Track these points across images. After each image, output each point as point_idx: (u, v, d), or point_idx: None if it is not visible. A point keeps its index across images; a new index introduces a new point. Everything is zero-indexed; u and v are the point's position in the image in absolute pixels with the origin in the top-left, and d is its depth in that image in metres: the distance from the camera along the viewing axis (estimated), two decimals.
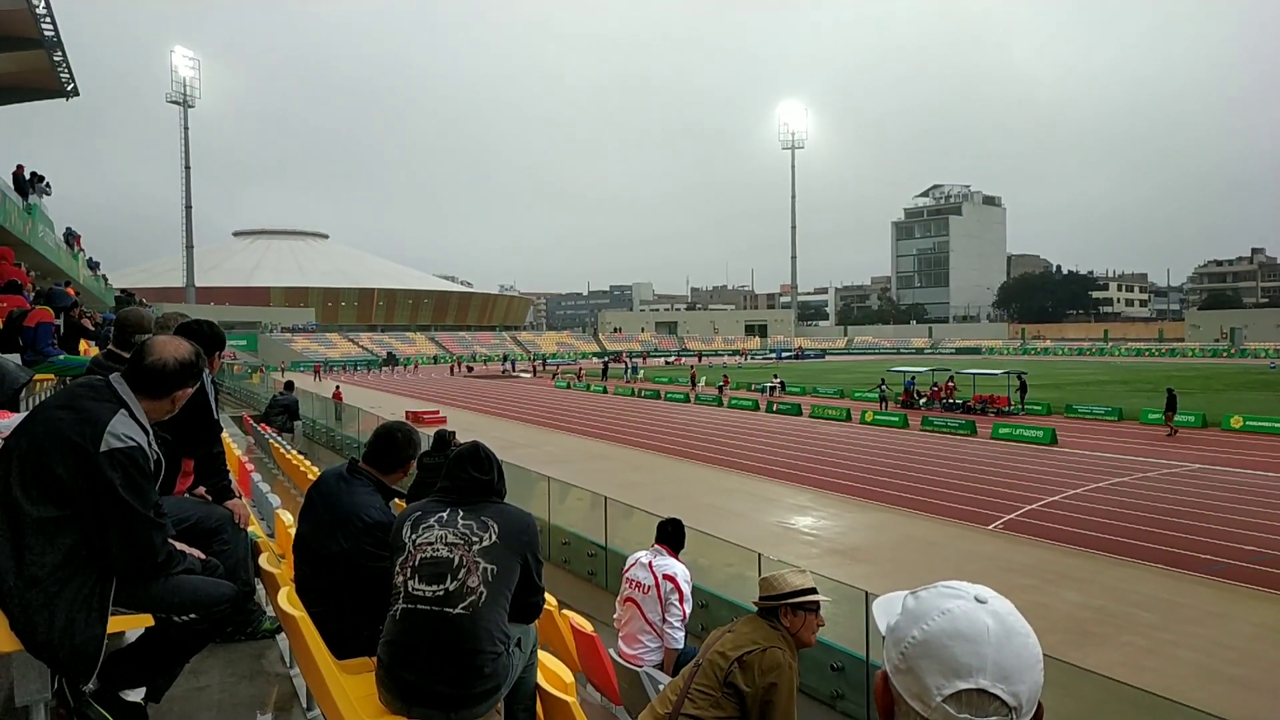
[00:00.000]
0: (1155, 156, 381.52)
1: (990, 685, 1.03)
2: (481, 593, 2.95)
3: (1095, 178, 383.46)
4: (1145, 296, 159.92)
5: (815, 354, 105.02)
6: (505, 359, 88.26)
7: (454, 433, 9.49)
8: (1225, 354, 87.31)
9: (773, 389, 42.95)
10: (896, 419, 31.02)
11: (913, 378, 38.28)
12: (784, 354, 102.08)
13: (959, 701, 1.04)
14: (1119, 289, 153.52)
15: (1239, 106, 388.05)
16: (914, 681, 1.09)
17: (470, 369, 40.23)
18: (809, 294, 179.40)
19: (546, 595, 6.27)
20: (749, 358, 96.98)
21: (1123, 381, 50.63)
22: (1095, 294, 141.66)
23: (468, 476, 3.16)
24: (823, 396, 42.01)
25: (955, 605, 1.10)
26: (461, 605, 2.91)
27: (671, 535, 5.25)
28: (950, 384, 36.29)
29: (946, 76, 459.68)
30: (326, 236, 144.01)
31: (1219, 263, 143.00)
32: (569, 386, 50.81)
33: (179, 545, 2.88)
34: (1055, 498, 17.26)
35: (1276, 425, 26.79)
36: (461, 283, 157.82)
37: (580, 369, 62.12)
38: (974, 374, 36.80)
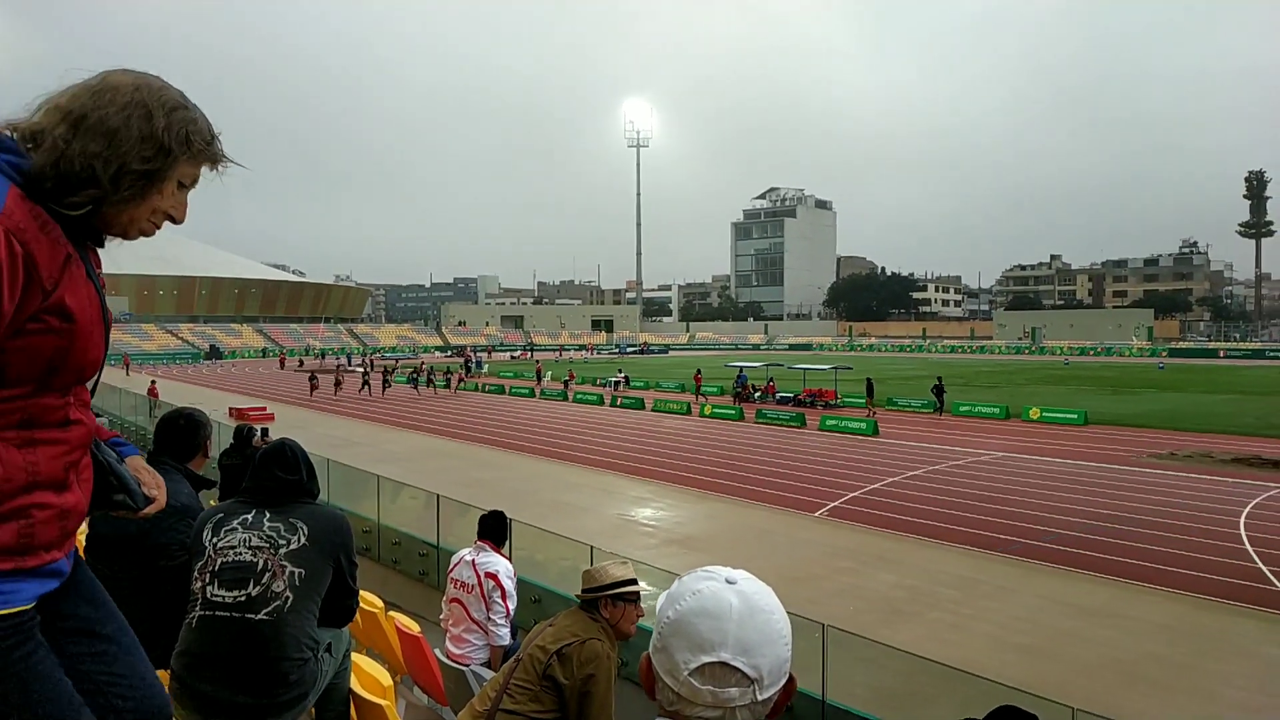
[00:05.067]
0: (968, 170, 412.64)
1: (732, 659, 1.10)
2: (287, 597, 2.83)
3: (916, 187, 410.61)
4: (959, 297, 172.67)
5: (659, 349, 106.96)
6: (343, 355, 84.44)
7: (257, 429, 8.98)
8: (1027, 351, 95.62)
9: (617, 384, 43.46)
10: (733, 412, 32.09)
11: (743, 372, 39.72)
12: (629, 349, 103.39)
13: (703, 674, 1.11)
14: (936, 290, 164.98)
15: (1036, 128, 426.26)
16: (667, 659, 1.15)
17: (314, 380, 38.02)
18: (654, 290, 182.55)
19: (372, 597, 6.10)
20: (595, 352, 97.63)
21: (938, 376, 54.48)
22: (915, 294, 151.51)
23: (273, 477, 3.02)
24: (666, 390, 42.89)
25: (706, 586, 1.16)
26: (265, 611, 2.79)
27: (493, 529, 5.20)
28: (771, 384, 37.84)
29: (780, 86, 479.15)
30: None
31: (1023, 267, 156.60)
32: (412, 382, 49.33)
33: None
34: (876, 485, 18.38)
35: (1068, 416, 29.66)
36: (294, 272, 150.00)
37: (422, 363, 60.43)
38: (804, 369, 38.60)
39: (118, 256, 1.54)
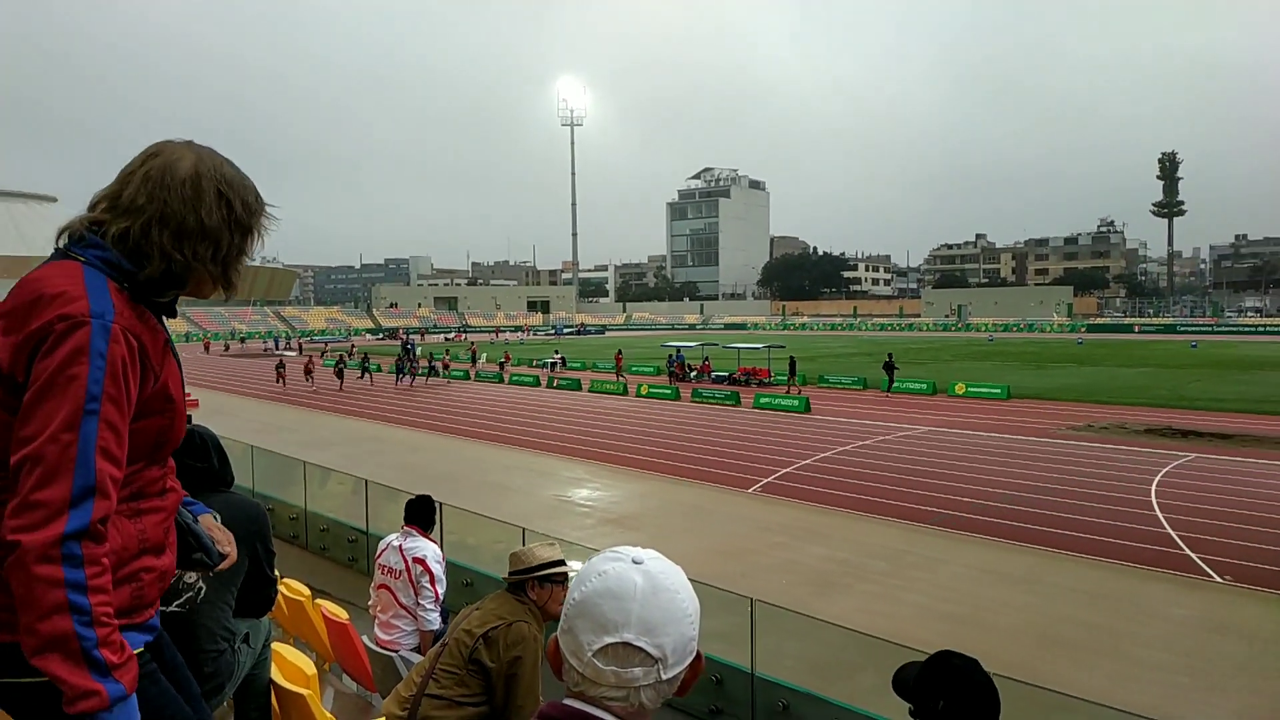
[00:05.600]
0: (896, 151, 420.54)
1: (635, 639, 1.10)
2: (200, 588, 2.73)
3: (847, 168, 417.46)
4: (889, 276, 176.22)
5: (596, 330, 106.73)
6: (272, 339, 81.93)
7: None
8: (954, 328, 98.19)
9: (554, 365, 43.24)
10: (669, 391, 32.25)
11: (680, 352, 39.90)
12: (566, 330, 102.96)
13: (606, 655, 1.11)
14: (867, 269, 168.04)
15: (962, 111, 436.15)
16: (572, 640, 1.14)
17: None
18: (590, 271, 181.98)
19: (298, 585, 5.95)
20: (531, 334, 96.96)
21: (868, 354, 55.58)
22: (846, 274, 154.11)
23: (183, 466, 2.90)
24: (602, 371, 42.84)
25: (611, 567, 1.16)
26: (176, 603, 2.69)
27: (421, 514, 5.12)
28: (707, 363, 38.11)
29: (712, 67, 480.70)
30: (55, 200, 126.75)
31: (949, 246, 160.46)
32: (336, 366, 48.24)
33: None
34: (808, 461, 18.68)
35: (992, 390, 30.57)
36: None
37: (353, 346, 59.20)
38: (739, 348, 38.97)
39: (32, 240, 1.50)
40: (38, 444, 1.38)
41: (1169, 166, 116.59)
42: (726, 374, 36.59)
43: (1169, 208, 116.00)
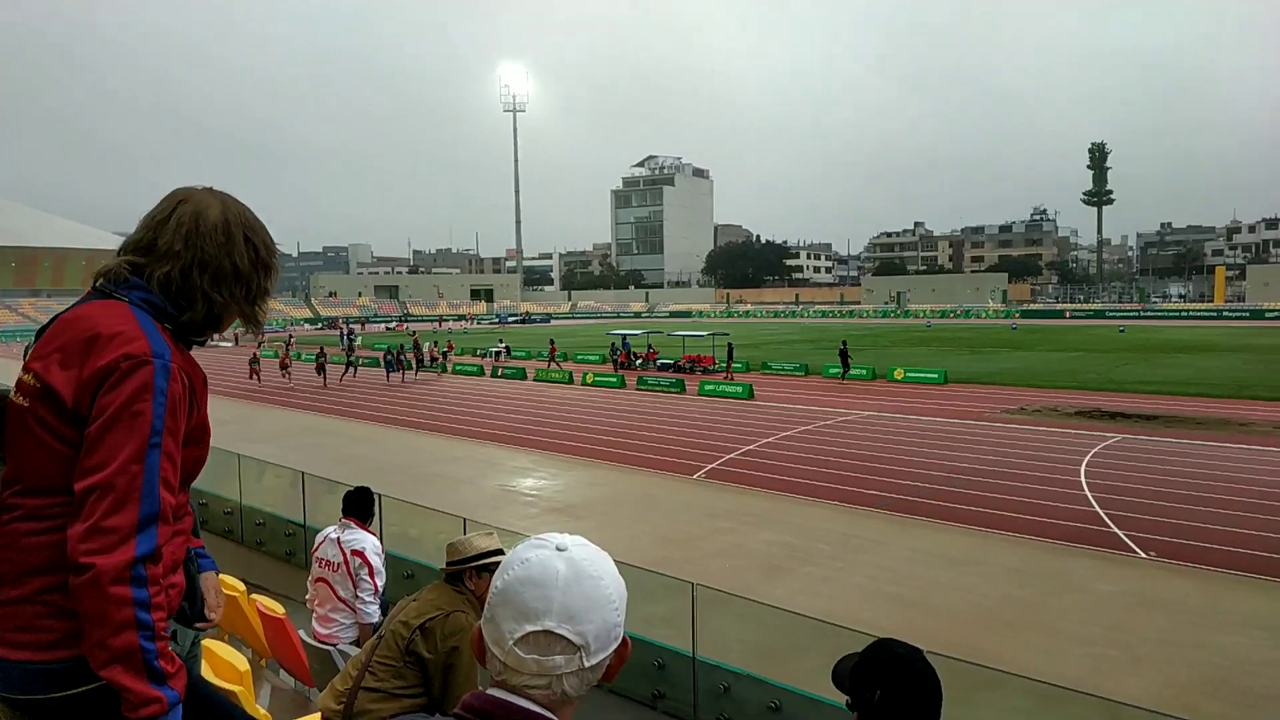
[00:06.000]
0: (837, 141, 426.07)
1: (556, 626, 1.09)
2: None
3: (789, 157, 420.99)
4: (830, 264, 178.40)
5: (541, 318, 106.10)
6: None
7: None
8: (893, 315, 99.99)
9: (498, 354, 42.88)
10: (615, 379, 32.24)
11: (625, 339, 39.93)
12: (510, 319, 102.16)
13: (527, 643, 1.10)
14: (809, 257, 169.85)
15: (901, 101, 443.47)
16: (494, 628, 1.13)
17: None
18: (534, 259, 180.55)
19: (233, 581, 5.80)
20: (474, 322, 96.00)
21: (811, 340, 56.33)
22: (789, 262, 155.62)
23: None
24: (542, 360, 42.59)
25: (534, 554, 1.14)
26: None
27: (359, 506, 5.03)
28: (652, 350, 38.24)
29: (657, 55, 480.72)
30: None
31: (889, 235, 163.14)
32: (277, 356, 47.13)
33: None
34: (751, 446, 18.86)
35: (930, 375, 31.23)
36: None
37: (291, 336, 57.94)
38: (683, 335, 39.13)
39: None
40: (108, 473, 1.50)
41: (1098, 157, 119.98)
42: (671, 361, 36.73)
43: (1098, 197, 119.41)
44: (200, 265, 1.68)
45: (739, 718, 5.70)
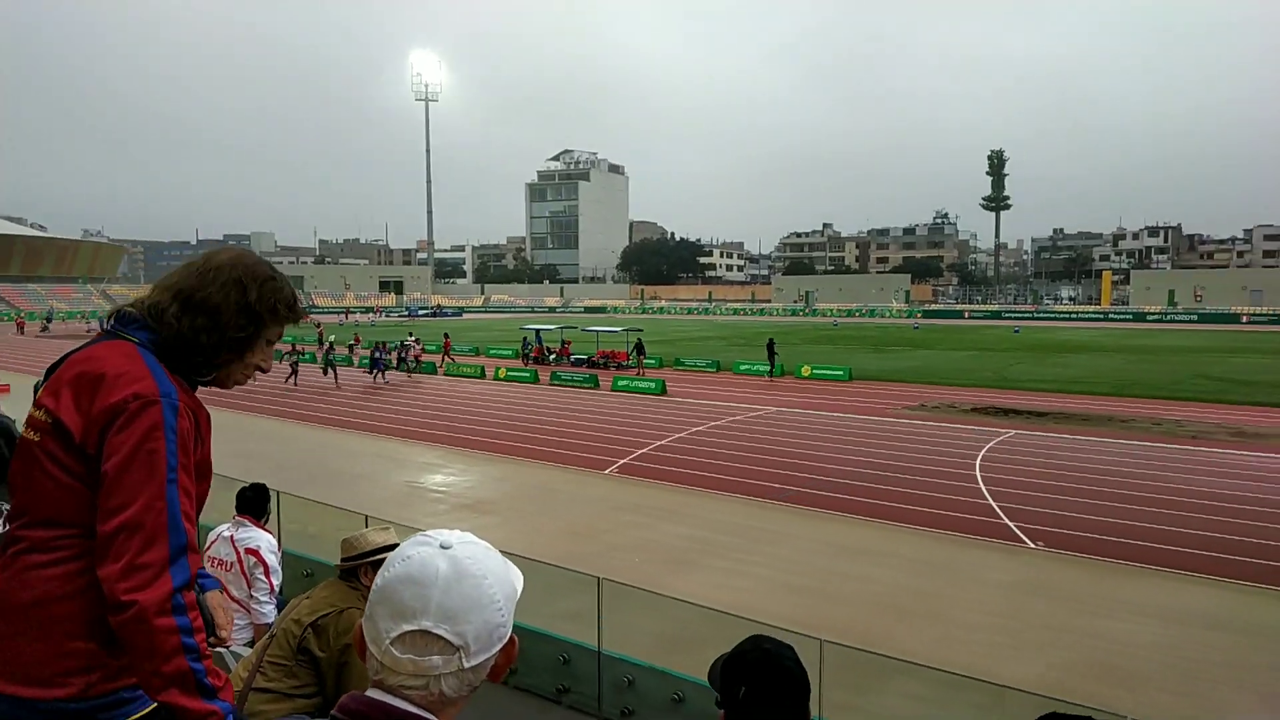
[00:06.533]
0: (750, 142, 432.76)
1: (433, 626, 1.07)
2: None
3: (702, 156, 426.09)
4: (742, 263, 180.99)
5: (453, 312, 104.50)
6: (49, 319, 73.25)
7: None
8: (802, 313, 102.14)
9: (408, 347, 41.92)
10: (528, 374, 32.00)
11: (539, 333, 39.68)
12: (420, 312, 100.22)
13: (404, 643, 1.08)
14: (721, 256, 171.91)
15: (811, 104, 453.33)
16: (372, 627, 1.11)
17: (45, 327, 32.15)
18: (447, 251, 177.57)
19: None
20: (383, 315, 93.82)
21: (722, 337, 57.10)
22: (702, 259, 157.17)
23: None
24: (459, 354, 41.99)
25: (416, 552, 1.12)
26: None
27: (253, 503, 4.86)
28: (567, 345, 38.17)
29: (572, 50, 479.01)
30: None
31: (798, 235, 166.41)
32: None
33: None
34: (663, 441, 19.00)
35: (835, 373, 32.04)
36: (33, 225, 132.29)
37: None
38: (598, 331, 39.13)
39: None
40: (133, 512, 1.55)
41: (997, 163, 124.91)
42: (586, 357, 36.67)
43: (996, 202, 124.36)
44: (178, 292, 1.74)
45: (643, 710, 5.73)
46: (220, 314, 1.75)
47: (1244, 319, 78.72)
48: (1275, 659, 8.32)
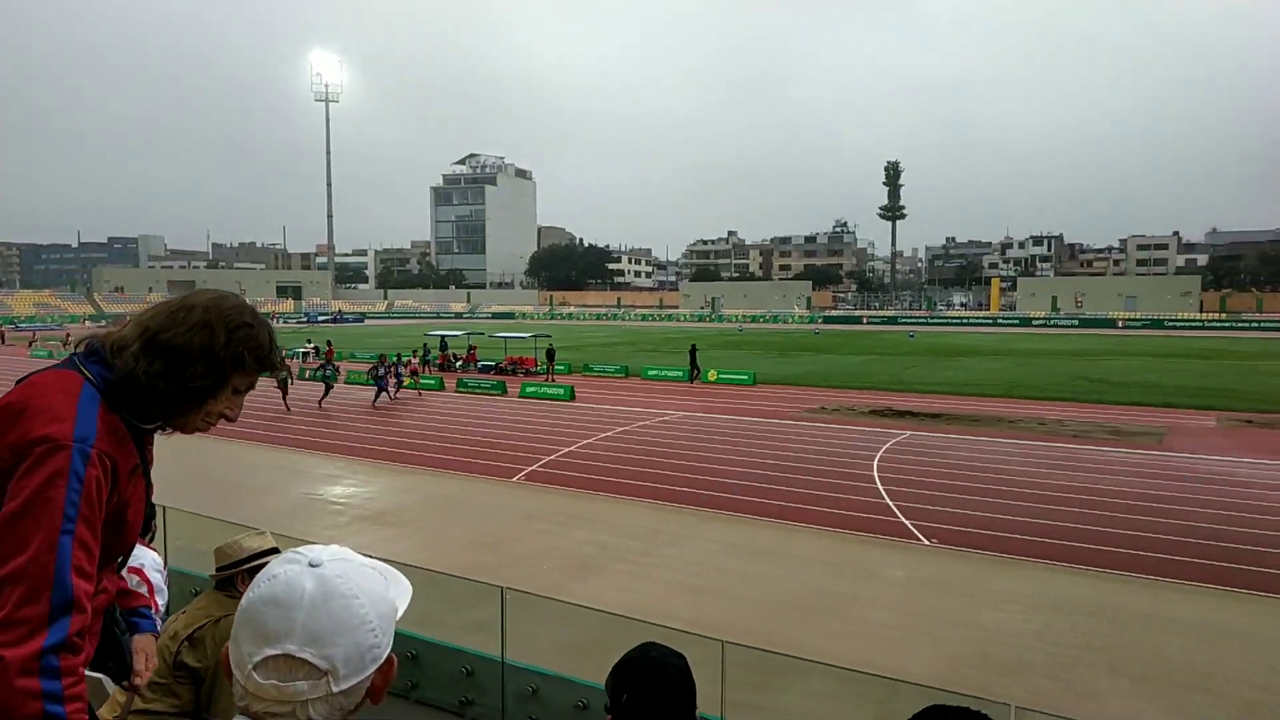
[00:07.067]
0: (656, 149, 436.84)
1: (297, 650, 1.02)
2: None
3: (610, 163, 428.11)
4: (650, 269, 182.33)
5: (355, 318, 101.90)
6: None
7: None
8: (709, 319, 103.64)
9: (306, 355, 40.73)
10: (433, 382, 31.45)
11: (444, 340, 39.09)
12: (320, 318, 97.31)
13: (266, 668, 1.02)
14: (630, 262, 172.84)
15: (716, 113, 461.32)
16: (236, 650, 1.06)
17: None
18: (348, 255, 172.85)
19: None
20: (281, 321, 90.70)
21: (630, 343, 57.38)
22: (611, 265, 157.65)
23: None
24: (360, 361, 40.99)
25: (284, 570, 1.07)
26: None
27: None
28: (472, 352, 37.73)
29: (478, 54, 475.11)
30: None
31: (704, 242, 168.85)
32: (51, 356, 42.61)
33: None
34: (571, 448, 18.96)
35: (740, 377, 32.63)
36: None
37: (68, 335, 52.47)
38: (505, 337, 38.78)
39: None
40: (19, 563, 1.45)
41: (893, 174, 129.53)
42: (493, 363, 36.29)
43: (893, 212, 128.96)
44: (144, 331, 1.62)
45: (548, 719, 5.72)
46: (181, 360, 1.62)
47: (1120, 324, 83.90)
48: (1145, 643, 8.87)
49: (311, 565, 1.07)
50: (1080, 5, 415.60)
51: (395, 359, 28.88)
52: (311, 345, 42.35)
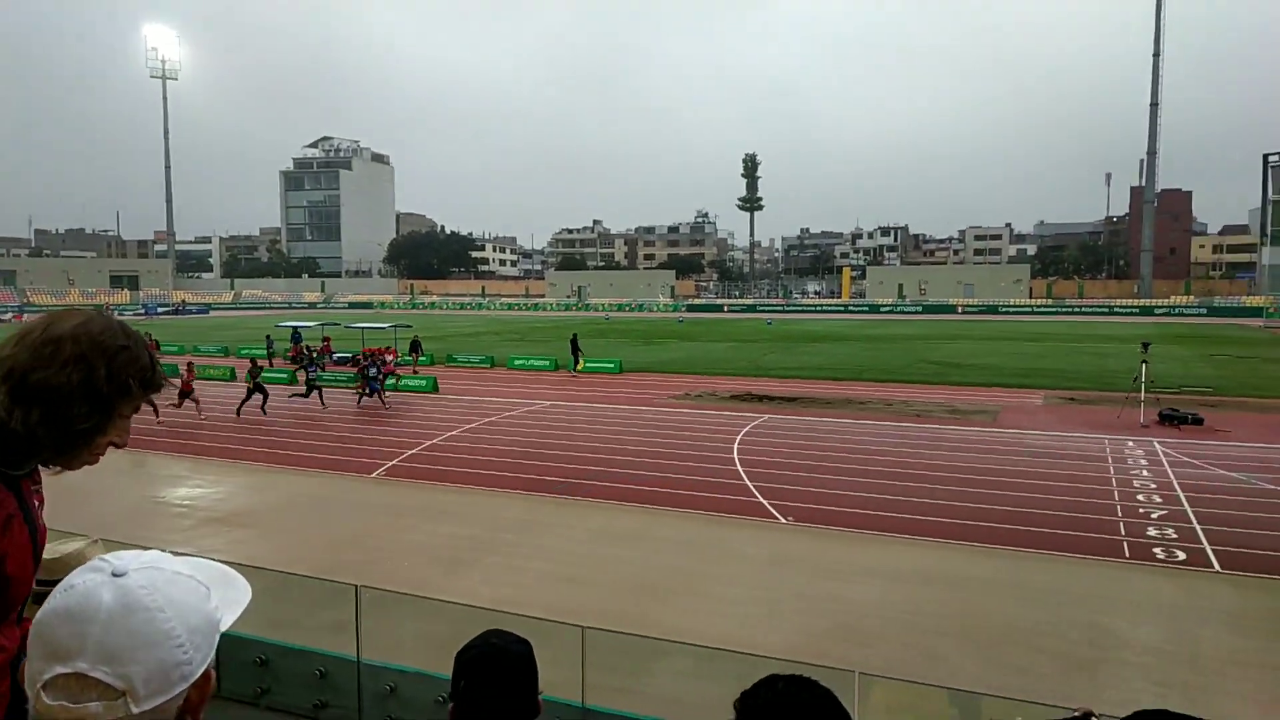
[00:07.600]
0: (520, 137, 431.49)
1: (90, 668, 0.95)
2: None
3: (473, 149, 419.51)
4: (515, 257, 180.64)
5: (199, 309, 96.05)
6: None
7: None
8: (575, 308, 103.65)
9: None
10: (285, 375, 30.09)
11: (297, 331, 37.46)
12: (160, 310, 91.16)
13: (55, 688, 0.96)
14: (494, 250, 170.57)
15: (577, 102, 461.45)
16: (30, 667, 0.99)
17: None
18: (190, 243, 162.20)
19: None
20: (116, 313, 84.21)
21: (495, 332, 56.72)
22: (475, 254, 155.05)
23: None
24: (205, 355, 38.74)
25: (82, 581, 1.00)
26: None
27: None
28: (326, 343, 36.40)
29: (330, 33, 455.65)
30: None
31: (570, 231, 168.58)
32: None
33: None
34: (435, 440, 18.61)
35: (607, 365, 32.87)
36: None
37: None
38: (363, 328, 37.49)
39: None
40: None
41: (750, 166, 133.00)
42: (349, 355, 35.01)
43: (751, 203, 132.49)
44: (9, 373, 1.43)
45: (407, 716, 5.64)
46: (60, 403, 1.44)
47: (959, 309, 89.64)
48: (984, 608, 9.58)
49: (115, 575, 1.00)
50: (915, 16, 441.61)
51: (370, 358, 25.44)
52: (151, 338, 39.59)
